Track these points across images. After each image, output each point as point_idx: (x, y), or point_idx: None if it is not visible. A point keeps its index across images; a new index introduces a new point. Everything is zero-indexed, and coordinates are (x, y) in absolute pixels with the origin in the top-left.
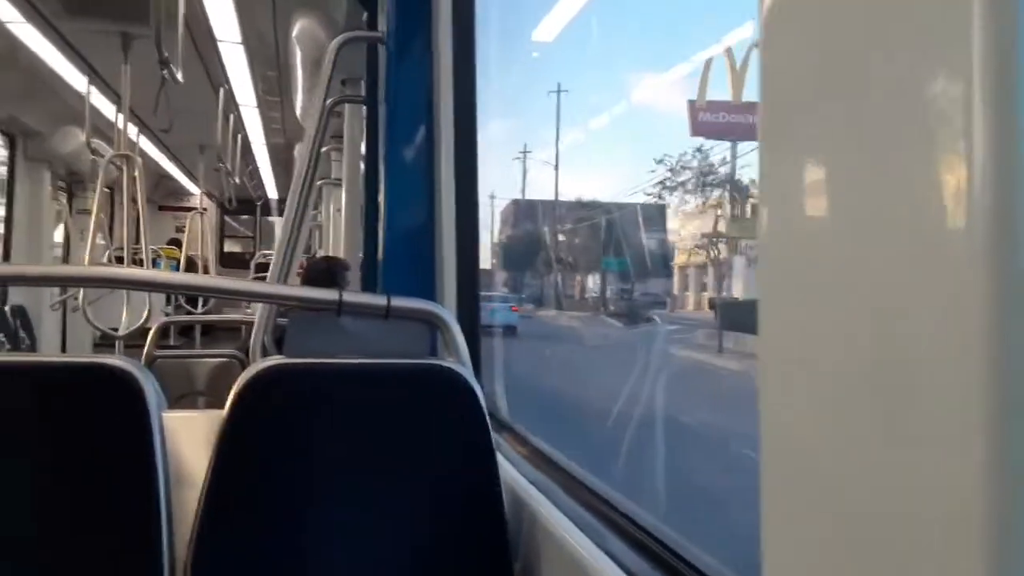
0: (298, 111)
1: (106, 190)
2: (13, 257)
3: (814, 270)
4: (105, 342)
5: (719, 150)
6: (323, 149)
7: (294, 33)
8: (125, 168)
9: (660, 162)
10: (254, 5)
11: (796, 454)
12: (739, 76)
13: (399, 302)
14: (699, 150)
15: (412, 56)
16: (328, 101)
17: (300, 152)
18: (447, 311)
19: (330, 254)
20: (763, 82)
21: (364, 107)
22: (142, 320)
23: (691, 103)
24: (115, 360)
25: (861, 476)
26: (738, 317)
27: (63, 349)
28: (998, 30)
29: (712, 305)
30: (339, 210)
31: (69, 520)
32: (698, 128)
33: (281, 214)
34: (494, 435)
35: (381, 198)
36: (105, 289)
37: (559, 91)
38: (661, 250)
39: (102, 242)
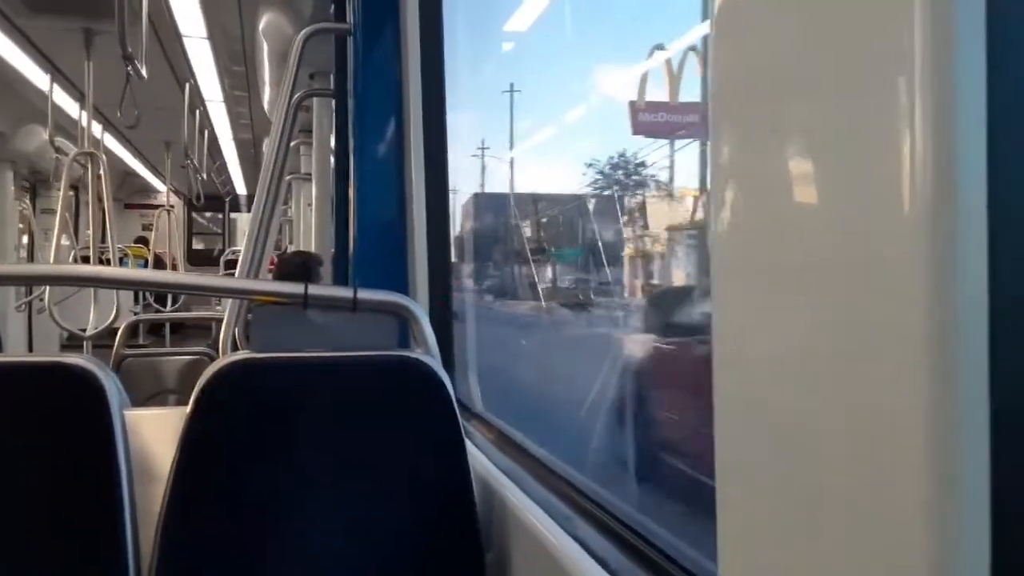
0: (266, 106)
1: (71, 189)
2: None
3: (764, 259)
4: (73, 343)
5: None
6: (292, 143)
7: (260, 27)
8: (89, 166)
9: (590, 166)
10: None
11: (750, 434)
12: (675, 79)
13: (366, 294)
14: (622, 155)
15: (380, 48)
16: (296, 95)
17: (268, 147)
18: (415, 303)
19: (302, 249)
20: (715, 75)
21: (333, 100)
22: (110, 320)
23: (631, 103)
24: (76, 359)
25: (814, 462)
26: (660, 302)
27: (30, 350)
28: (938, 26)
29: (644, 292)
30: (309, 205)
31: (33, 520)
32: (638, 127)
33: (250, 210)
34: (464, 424)
35: (351, 192)
36: (72, 289)
37: (511, 90)
38: (614, 240)
39: (67, 242)
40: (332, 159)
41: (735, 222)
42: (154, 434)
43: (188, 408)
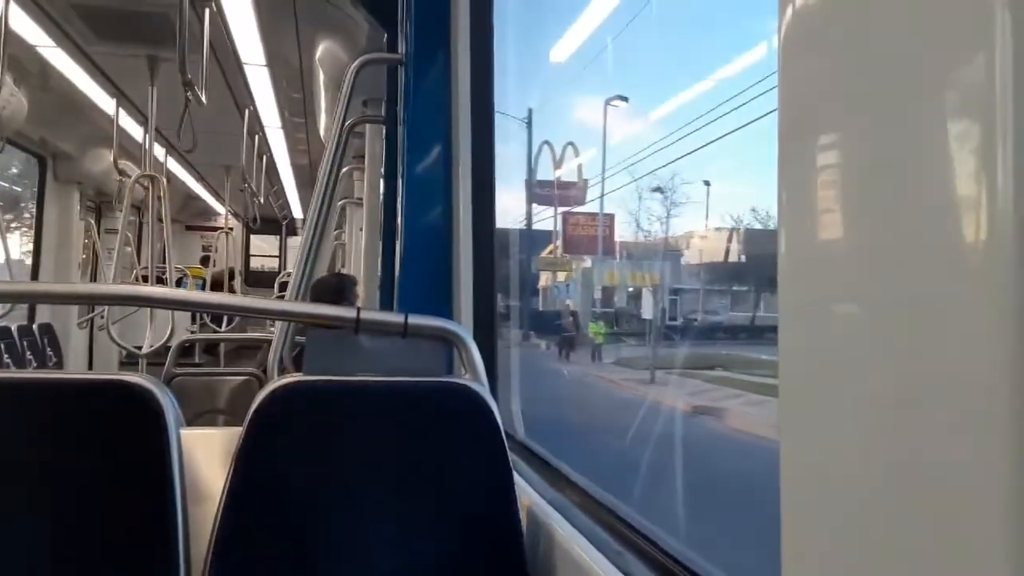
0: (322, 132)
1: (135, 211)
2: (41, 276)
3: (833, 282)
4: (131, 360)
5: None
6: (345, 169)
7: (317, 55)
8: (151, 188)
9: None
10: (278, 29)
11: (816, 464)
12: (558, 163)
13: (417, 320)
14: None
15: (430, 77)
16: (347, 122)
17: (320, 172)
18: (464, 329)
19: (342, 271)
20: (782, 102)
21: (384, 127)
22: (164, 338)
23: (526, 181)
24: (134, 377)
25: (883, 487)
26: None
27: (90, 367)
28: (1022, 43)
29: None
30: (361, 229)
31: (87, 537)
32: (532, 198)
33: None
34: (510, 454)
35: (399, 217)
36: (129, 307)
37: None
38: (530, 271)
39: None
40: (381, 185)
41: (801, 256)
42: (206, 453)
43: (242, 428)
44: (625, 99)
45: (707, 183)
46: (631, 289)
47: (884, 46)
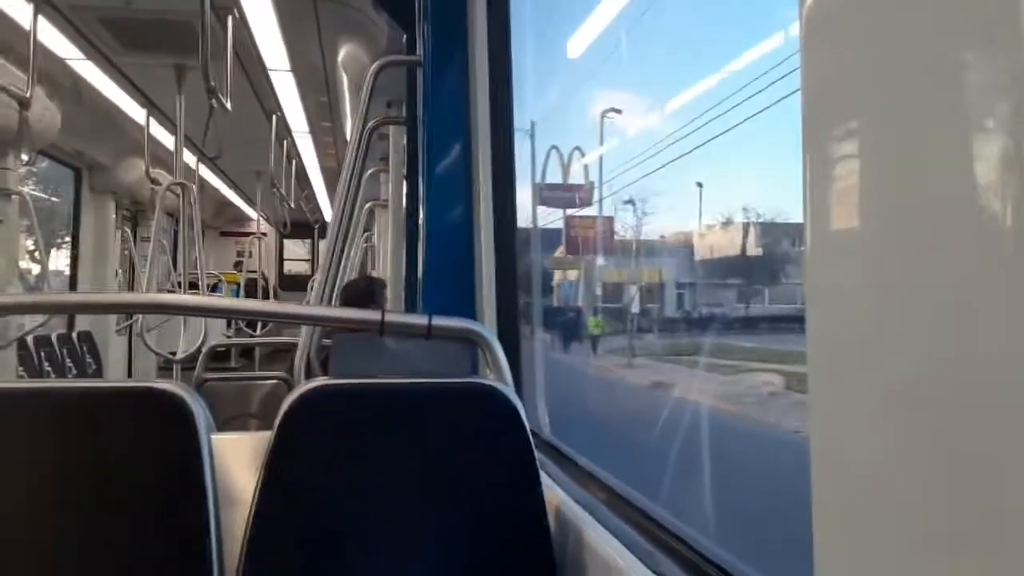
0: (348, 135)
1: (170, 218)
2: (80, 286)
3: (860, 270)
4: (170, 366)
5: None
6: (371, 171)
7: (340, 59)
8: (183, 195)
9: None
10: (301, 33)
11: (848, 471)
12: (566, 167)
13: (440, 321)
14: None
15: (449, 78)
16: (369, 124)
17: (342, 174)
18: (488, 329)
19: (373, 274)
20: (805, 88)
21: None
22: (197, 344)
23: (534, 184)
24: (165, 384)
25: (922, 491)
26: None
27: (129, 374)
28: None
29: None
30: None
31: (120, 542)
32: (543, 200)
33: None
34: (537, 453)
35: (421, 218)
36: (162, 315)
37: None
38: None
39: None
40: (404, 186)
41: (828, 248)
42: (237, 458)
43: (272, 432)
44: (619, 111)
45: (700, 184)
46: (631, 285)
47: (908, 31)
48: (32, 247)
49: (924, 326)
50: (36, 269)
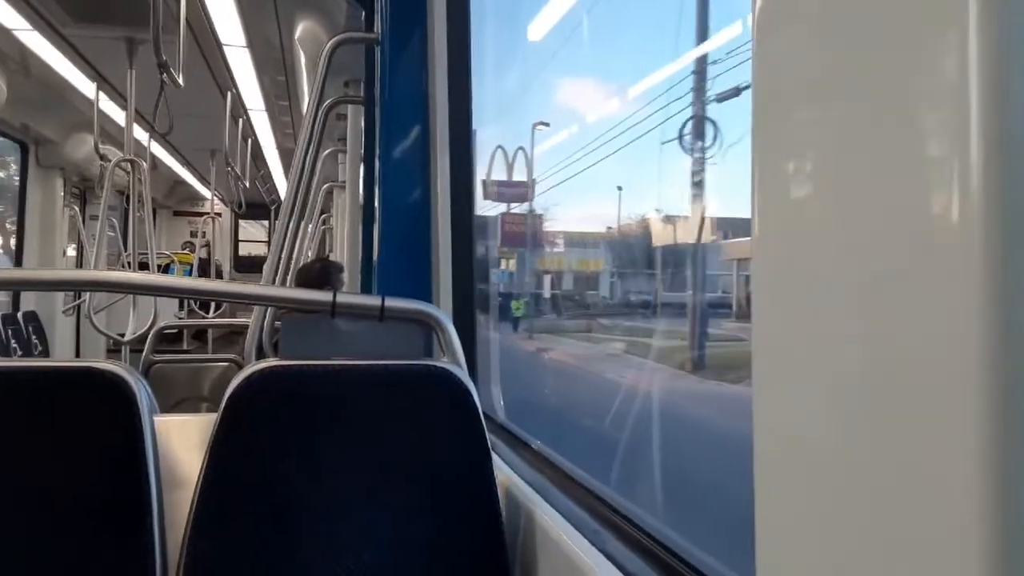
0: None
1: (120, 196)
2: (25, 263)
3: (805, 269)
4: (117, 347)
5: None
6: (329, 151)
7: (297, 35)
8: (132, 172)
9: None
10: (257, 8)
11: (790, 453)
12: (510, 165)
13: (393, 303)
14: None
15: (407, 57)
16: (325, 103)
17: (296, 153)
18: (442, 312)
19: (331, 257)
20: (756, 81)
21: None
22: (147, 326)
23: (483, 181)
24: (106, 364)
25: (856, 475)
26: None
27: (76, 355)
28: (994, 26)
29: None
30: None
31: (61, 524)
32: (498, 195)
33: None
34: (489, 435)
35: (377, 200)
36: (113, 294)
37: None
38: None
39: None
40: (362, 167)
41: (775, 237)
42: (183, 440)
43: (217, 414)
44: (547, 124)
45: (619, 188)
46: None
47: (858, 24)
48: None
49: (864, 315)
50: None
